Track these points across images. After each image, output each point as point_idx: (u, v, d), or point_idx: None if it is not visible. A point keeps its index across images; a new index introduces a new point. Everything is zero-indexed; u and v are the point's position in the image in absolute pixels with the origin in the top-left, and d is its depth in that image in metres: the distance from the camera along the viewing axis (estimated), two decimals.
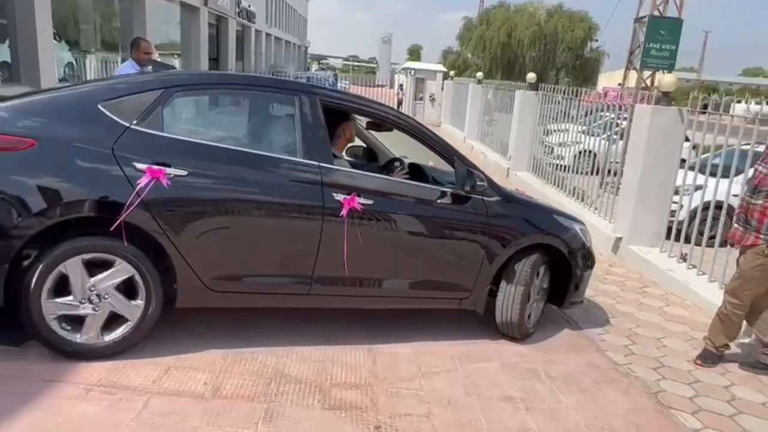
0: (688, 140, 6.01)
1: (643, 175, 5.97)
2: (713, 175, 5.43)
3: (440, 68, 26.19)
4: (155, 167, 2.84)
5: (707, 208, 5.49)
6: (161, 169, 2.85)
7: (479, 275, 3.62)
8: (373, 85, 31.29)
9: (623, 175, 6.54)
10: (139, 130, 2.92)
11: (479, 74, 16.22)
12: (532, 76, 10.85)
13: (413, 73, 24.56)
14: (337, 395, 2.92)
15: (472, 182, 3.48)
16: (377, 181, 3.43)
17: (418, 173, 3.99)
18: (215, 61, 23.12)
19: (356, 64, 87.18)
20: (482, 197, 3.59)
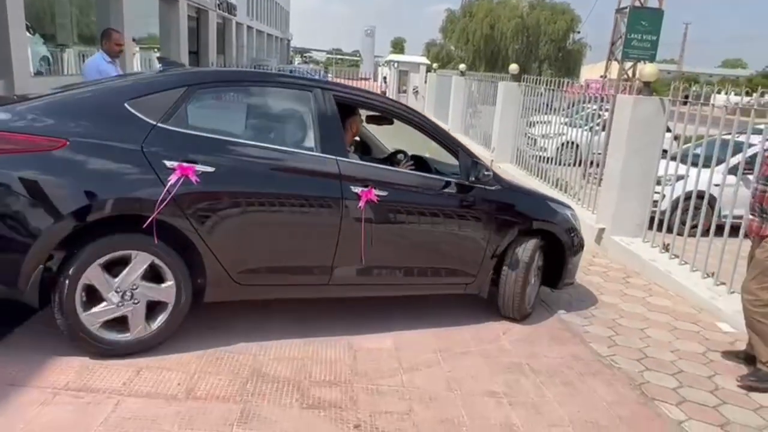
0: (669, 131, 6.02)
1: (625, 165, 5.95)
2: (695, 165, 5.43)
3: (424, 61, 26.15)
4: (185, 164, 2.87)
5: (689, 198, 5.50)
6: (191, 166, 2.88)
7: (483, 261, 3.79)
8: (356, 78, 31.11)
9: (605, 165, 6.53)
10: (165, 127, 2.94)
11: (462, 66, 16.12)
12: (514, 67, 10.80)
13: (397, 65, 24.50)
14: (315, 394, 2.84)
15: (477, 172, 3.65)
16: (390, 173, 3.57)
17: (420, 165, 4.07)
18: (195, 54, 22.72)
19: (340, 57, 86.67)
20: (485, 186, 3.73)
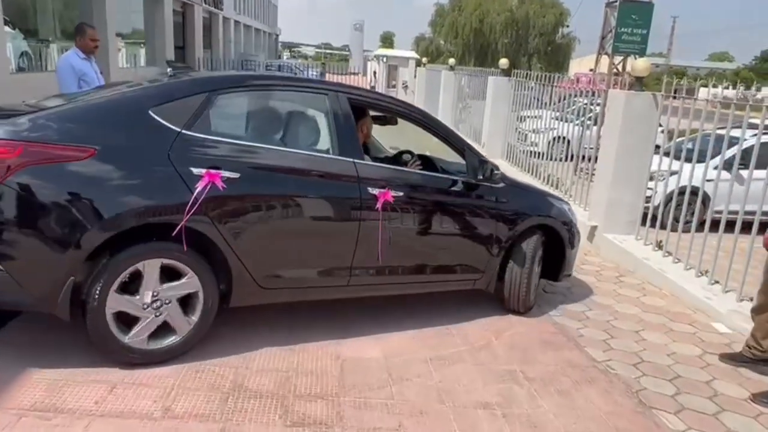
0: (660, 126, 5.91)
1: (617, 161, 5.85)
2: (688, 160, 5.33)
3: (413, 55, 25.99)
4: (213, 171, 2.85)
5: (682, 193, 5.41)
6: (218, 172, 2.85)
7: (492, 256, 3.87)
8: (346, 72, 30.87)
9: (598, 161, 6.42)
10: (190, 134, 2.92)
11: (451, 61, 16.02)
12: (504, 62, 10.69)
13: (386, 60, 24.30)
14: (300, 410, 2.70)
15: (486, 171, 3.74)
16: (403, 174, 3.61)
17: (426, 164, 4.07)
18: (181, 49, 22.34)
19: (329, 51, 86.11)
20: (491, 184, 3.81)
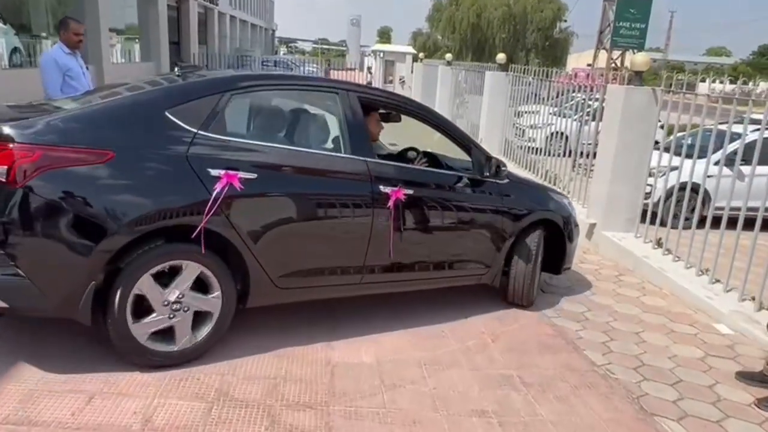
0: (659, 121, 5.80)
1: (616, 158, 5.73)
2: (689, 156, 5.22)
3: (410, 50, 25.82)
4: (231, 172, 2.83)
5: (682, 189, 5.30)
6: (235, 173, 2.84)
7: (497, 251, 3.91)
8: (342, 68, 30.68)
9: (596, 158, 6.31)
10: (207, 135, 2.90)
11: (448, 56, 15.85)
12: (501, 56, 10.56)
13: (383, 55, 24.14)
14: (287, 420, 2.58)
15: (492, 167, 3.79)
16: (413, 171, 3.66)
17: (431, 161, 4.07)
18: (176, 45, 22.15)
19: (326, 47, 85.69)
20: (497, 180, 3.85)
